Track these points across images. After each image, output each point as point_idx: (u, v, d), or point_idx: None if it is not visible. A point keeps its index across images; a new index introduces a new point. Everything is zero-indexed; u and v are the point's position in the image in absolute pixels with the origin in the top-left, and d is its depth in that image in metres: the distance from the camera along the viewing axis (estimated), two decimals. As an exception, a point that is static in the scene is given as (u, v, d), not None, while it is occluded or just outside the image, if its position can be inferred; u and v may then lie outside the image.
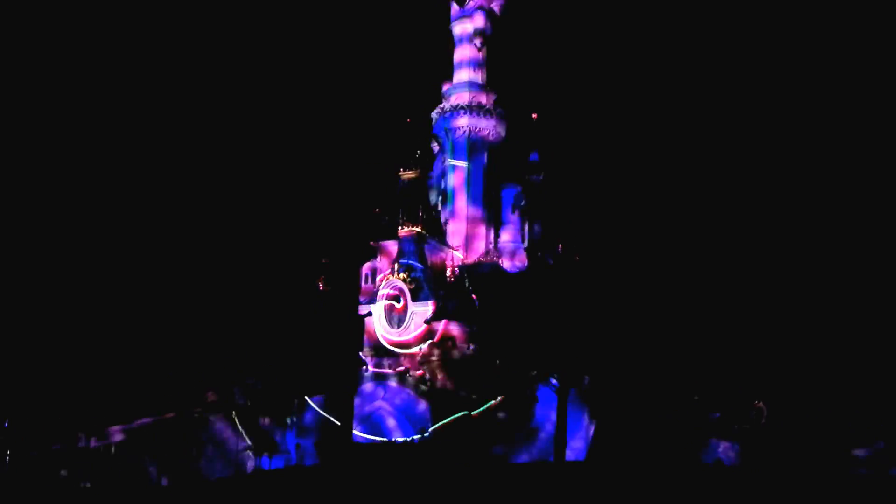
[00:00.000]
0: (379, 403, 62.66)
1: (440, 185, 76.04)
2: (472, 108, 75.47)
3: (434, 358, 63.03)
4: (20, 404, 64.97)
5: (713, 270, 70.63)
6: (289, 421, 62.30)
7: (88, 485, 60.31)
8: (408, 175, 70.02)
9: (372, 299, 67.54)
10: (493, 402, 59.71)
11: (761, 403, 58.85)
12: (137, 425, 61.80)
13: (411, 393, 61.96)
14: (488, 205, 75.27)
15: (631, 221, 78.19)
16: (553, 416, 54.71)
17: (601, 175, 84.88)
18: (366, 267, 70.37)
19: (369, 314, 66.94)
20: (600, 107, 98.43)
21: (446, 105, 76.59)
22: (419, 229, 67.85)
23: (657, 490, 41.83)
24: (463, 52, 78.42)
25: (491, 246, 73.78)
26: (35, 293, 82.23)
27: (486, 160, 75.82)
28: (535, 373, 56.57)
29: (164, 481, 59.80)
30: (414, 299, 66.03)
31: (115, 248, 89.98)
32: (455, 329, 64.37)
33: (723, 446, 59.30)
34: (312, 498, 44.26)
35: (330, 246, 71.63)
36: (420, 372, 63.37)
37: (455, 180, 75.55)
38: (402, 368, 64.49)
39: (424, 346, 64.26)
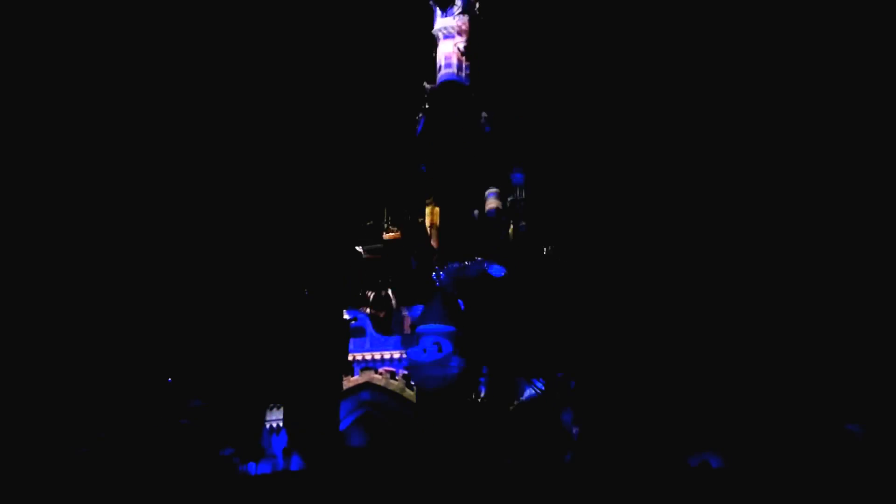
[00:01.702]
0: (366, 406, 62.99)
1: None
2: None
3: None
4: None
5: (701, 274, 71.06)
6: (275, 426, 62.25)
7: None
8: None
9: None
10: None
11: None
12: (123, 431, 61.75)
13: (399, 396, 62.25)
14: (473, 206, 75.34)
15: (618, 222, 78.51)
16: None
17: (585, 175, 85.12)
18: (351, 271, 70.60)
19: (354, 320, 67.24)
20: (586, 106, 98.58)
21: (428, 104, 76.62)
22: (403, 234, 68.21)
23: (642, 491, 42.27)
24: (445, 52, 78.55)
25: (476, 246, 73.94)
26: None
27: (469, 161, 75.93)
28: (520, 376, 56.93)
29: (154, 488, 59.70)
30: (399, 304, 66.38)
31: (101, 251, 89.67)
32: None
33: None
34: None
35: (313, 250, 71.74)
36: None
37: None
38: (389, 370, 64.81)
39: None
